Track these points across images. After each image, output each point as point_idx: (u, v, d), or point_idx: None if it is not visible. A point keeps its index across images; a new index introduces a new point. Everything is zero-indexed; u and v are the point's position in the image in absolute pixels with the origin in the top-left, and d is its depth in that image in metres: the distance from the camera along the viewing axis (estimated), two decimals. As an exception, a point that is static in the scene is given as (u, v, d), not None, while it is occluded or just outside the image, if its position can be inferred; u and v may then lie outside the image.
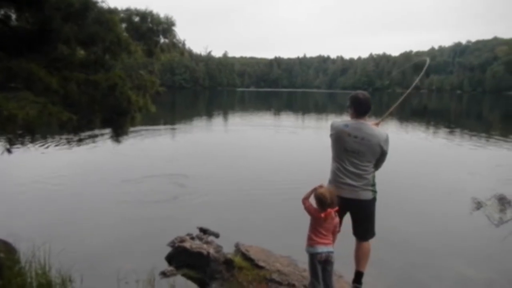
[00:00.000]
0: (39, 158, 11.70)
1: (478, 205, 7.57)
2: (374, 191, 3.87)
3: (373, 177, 3.88)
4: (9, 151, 3.56)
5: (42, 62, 3.17)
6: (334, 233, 3.59)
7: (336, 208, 3.49)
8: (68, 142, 10.73)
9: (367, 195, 3.80)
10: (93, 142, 13.73)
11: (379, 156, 3.81)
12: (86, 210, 7.36)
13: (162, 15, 4.13)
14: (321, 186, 3.55)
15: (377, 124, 4.10)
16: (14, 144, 3.54)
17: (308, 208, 3.51)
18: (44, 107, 2.73)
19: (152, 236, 6.03)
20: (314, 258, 3.47)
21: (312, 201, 3.53)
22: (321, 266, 3.46)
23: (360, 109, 3.85)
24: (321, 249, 3.42)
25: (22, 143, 3.65)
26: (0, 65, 2.93)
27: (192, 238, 5.69)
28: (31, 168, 10.34)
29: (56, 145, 13.32)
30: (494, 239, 6.18)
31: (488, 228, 6.66)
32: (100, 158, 12.21)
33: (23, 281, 3.66)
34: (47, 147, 13.01)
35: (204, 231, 6.16)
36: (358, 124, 3.77)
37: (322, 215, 3.39)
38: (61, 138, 13.51)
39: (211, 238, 5.84)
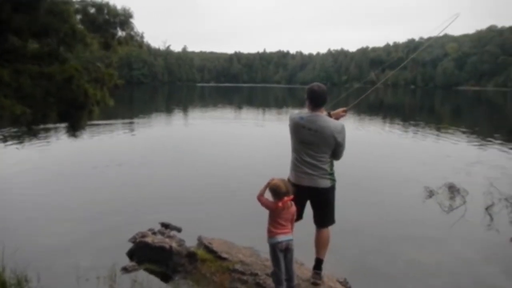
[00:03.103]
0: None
1: (430, 194, 7.98)
2: (333, 180, 3.96)
3: (331, 166, 3.96)
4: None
5: (-8, 54, 3.04)
6: (292, 221, 3.68)
7: (292, 196, 3.56)
8: (20, 136, 10.24)
9: (325, 183, 3.89)
10: (47, 137, 13.22)
11: (335, 147, 3.88)
12: (42, 207, 7.09)
13: (119, 7, 4.05)
14: (272, 179, 3.60)
15: (344, 111, 4.21)
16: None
17: (264, 203, 3.55)
18: (-5, 100, 2.63)
19: (113, 232, 5.91)
20: (275, 248, 3.54)
21: (267, 195, 3.59)
22: (282, 254, 3.55)
23: (315, 101, 3.89)
24: (281, 238, 3.50)
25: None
26: None
27: (154, 233, 5.65)
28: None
29: (7, 140, 12.70)
30: (444, 225, 6.57)
31: (439, 215, 7.06)
32: (55, 152, 11.79)
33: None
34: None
35: (166, 226, 6.13)
36: (313, 117, 3.82)
37: (280, 204, 3.45)
38: (14, 133, 12.90)
39: (173, 232, 5.82)
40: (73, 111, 3.87)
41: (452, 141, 15.56)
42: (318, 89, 3.92)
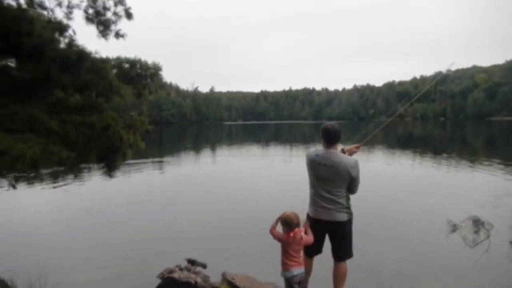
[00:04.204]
0: (35, 196, 11.85)
1: (454, 227, 7.94)
2: (350, 213, 4.16)
3: (347, 200, 4.17)
4: (14, 187, 3.88)
5: (43, 107, 3.55)
6: (300, 253, 3.90)
7: (302, 228, 3.81)
8: (58, 180, 10.91)
9: (342, 216, 4.09)
10: (82, 176, 13.93)
11: (349, 181, 4.12)
12: (75, 245, 7.53)
13: (150, 61, 4.59)
14: (284, 213, 3.87)
15: (357, 148, 4.48)
16: (19, 181, 3.86)
17: (276, 236, 3.81)
18: (46, 147, 3.08)
19: (142, 269, 6.22)
20: (291, 281, 3.75)
21: (279, 228, 3.84)
22: (297, 286, 3.75)
23: (329, 139, 4.19)
24: (296, 271, 3.72)
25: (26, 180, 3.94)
26: (5, 111, 3.29)
27: (181, 269, 5.90)
28: (27, 206, 10.50)
29: (47, 184, 13.48)
30: (468, 259, 6.52)
31: (463, 249, 6.99)
32: (87, 191, 12.39)
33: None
34: (44, 186, 13.15)
35: (192, 262, 6.38)
36: (327, 154, 4.10)
37: (291, 234, 3.70)
38: (55, 178, 13.70)
39: (199, 268, 6.05)
40: (109, 154, 4.34)
41: (483, 173, 15.28)
42: (331, 128, 4.19)
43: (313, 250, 4.23)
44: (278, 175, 16.52)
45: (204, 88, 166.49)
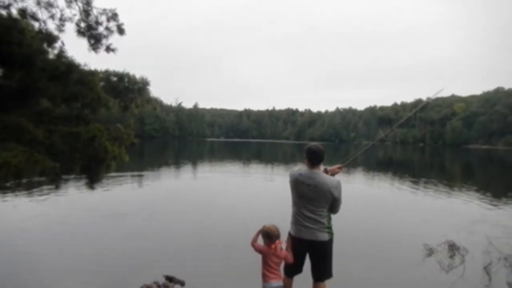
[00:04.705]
0: (12, 206, 11.56)
1: (430, 251, 8.09)
2: (331, 233, 4.25)
3: (329, 220, 4.27)
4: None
5: (29, 116, 3.55)
6: (279, 266, 3.99)
7: (282, 241, 3.92)
8: (35, 191, 10.66)
9: (323, 236, 4.18)
10: (60, 190, 13.67)
11: (331, 201, 4.22)
12: (50, 258, 7.32)
13: (138, 76, 4.64)
14: (264, 226, 4.00)
15: (340, 168, 4.59)
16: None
17: (258, 248, 3.95)
18: (31, 156, 3.07)
19: (119, 284, 6.12)
20: None
21: (259, 241, 3.95)
22: None
23: (313, 159, 4.30)
24: (275, 284, 3.80)
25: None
26: (-10, 119, 3.28)
27: (159, 286, 5.86)
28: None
29: (24, 194, 13.18)
30: (444, 284, 6.63)
31: (438, 273, 7.11)
32: (64, 204, 12.14)
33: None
34: (21, 196, 12.85)
35: (170, 279, 6.32)
36: (311, 174, 4.21)
37: (273, 246, 3.82)
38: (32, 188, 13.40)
39: (177, 286, 6.01)
40: (93, 165, 4.34)
41: (460, 200, 15.62)
42: (316, 149, 4.32)
43: (293, 269, 4.29)
44: (259, 193, 16.55)
45: (188, 104, 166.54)
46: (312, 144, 4.45)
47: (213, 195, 15.36)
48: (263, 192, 16.89)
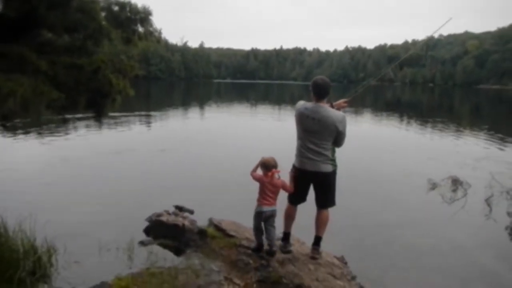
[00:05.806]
0: (28, 144, 11.84)
1: (433, 185, 8.25)
2: (334, 165, 4.31)
3: (333, 152, 4.31)
4: (4, 125, 3.88)
5: (32, 46, 3.51)
6: (277, 194, 4.21)
7: (279, 170, 4.06)
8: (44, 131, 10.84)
9: (327, 167, 4.24)
10: (69, 129, 13.86)
11: (336, 135, 4.23)
12: (69, 190, 7.67)
13: (139, 5, 4.50)
14: (263, 157, 4.16)
15: (345, 103, 4.57)
16: (8, 120, 3.86)
17: (255, 177, 4.18)
18: (36, 86, 3.08)
19: (131, 213, 6.42)
20: (260, 215, 4.13)
21: (259, 171, 4.18)
22: (263, 222, 4.15)
23: (319, 93, 4.24)
24: (266, 208, 4.10)
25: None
26: (-8, 49, 3.24)
27: (169, 214, 6.12)
28: (20, 153, 10.53)
29: (40, 133, 13.41)
30: (444, 214, 6.86)
31: (440, 205, 7.33)
32: (77, 143, 12.38)
33: (13, 246, 4.00)
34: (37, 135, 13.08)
35: (179, 208, 6.59)
36: (316, 107, 4.18)
37: (269, 174, 3.98)
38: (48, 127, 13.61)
39: (186, 214, 6.26)
40: (99, 99, 4.34)
41: (466, 139, 15.66)
42: (321, 81, 4.24)
43: (297, 198, 4.42)
44: (266, 133, 16.67)
45: (193, 44, 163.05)
46: (318, 77, 4.37)
47: (220, 135, 15.52)
48: (270, 132, 17.00)
